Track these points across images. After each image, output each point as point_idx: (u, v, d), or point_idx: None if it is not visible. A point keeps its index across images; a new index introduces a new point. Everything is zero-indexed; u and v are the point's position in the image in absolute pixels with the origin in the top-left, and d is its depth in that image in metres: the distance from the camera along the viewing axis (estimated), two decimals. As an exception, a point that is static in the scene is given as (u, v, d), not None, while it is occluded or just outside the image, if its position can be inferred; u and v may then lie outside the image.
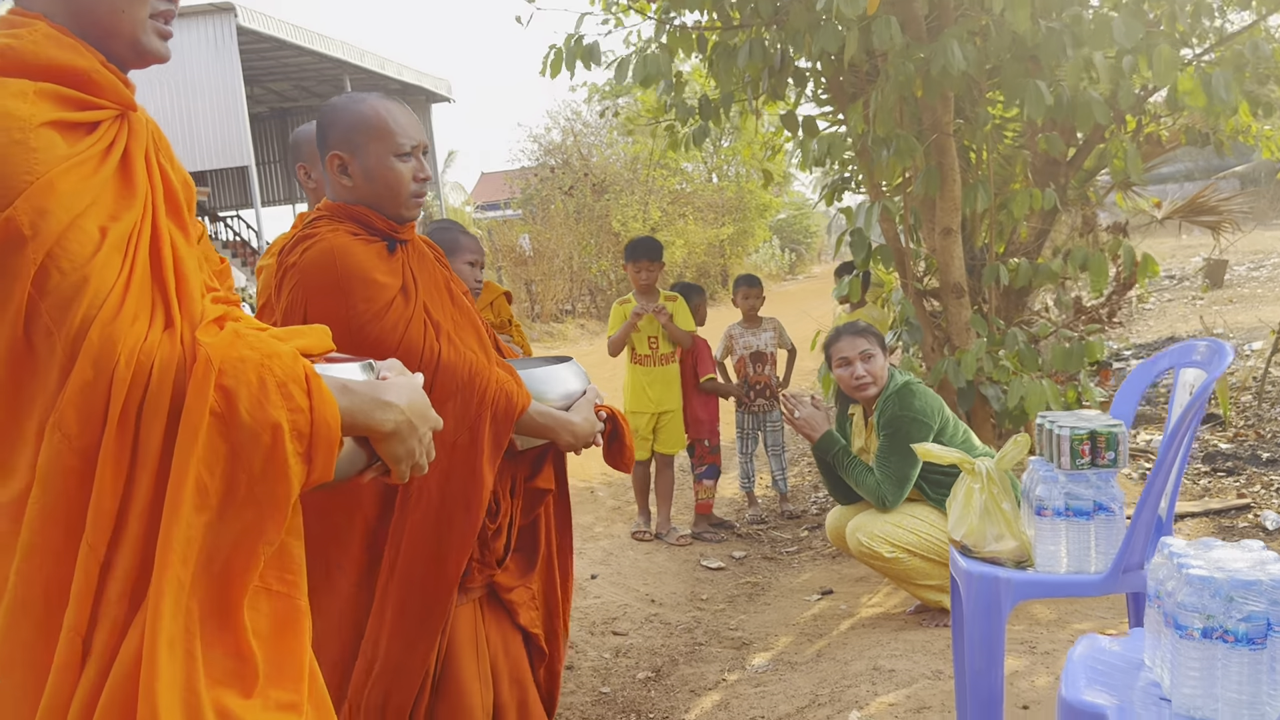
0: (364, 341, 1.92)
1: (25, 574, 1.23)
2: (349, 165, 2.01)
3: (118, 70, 1.34)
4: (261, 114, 26.32)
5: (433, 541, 1.97)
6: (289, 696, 1.37)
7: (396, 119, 2.01)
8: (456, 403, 1.96)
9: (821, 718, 2.86)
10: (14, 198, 1.16)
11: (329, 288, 1.96)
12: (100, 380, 1.19)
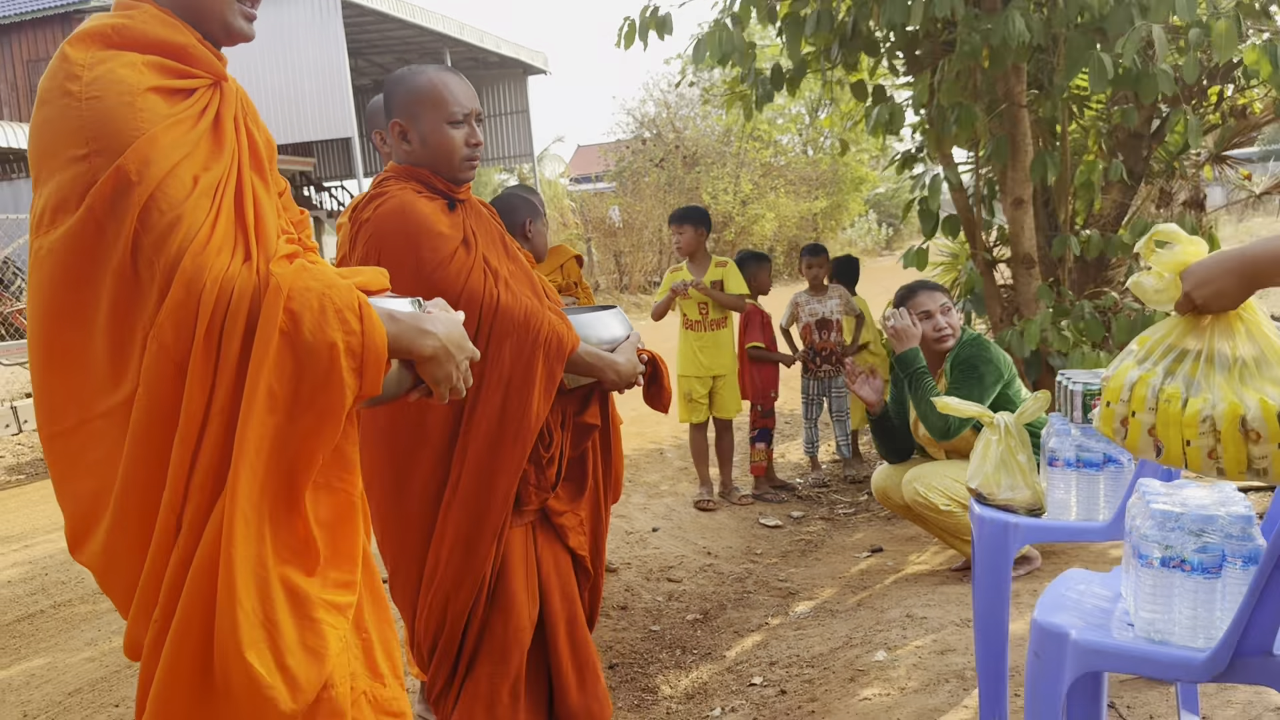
0: (431, 287, 2.15)
1: (132, 459, 1.47)
2: (409, 132, 2.24)
3: (211, 46, 1.58)
4: (365, 86, 26.98)
5: (488, 465, 2.21)
6: (345, 577, 1.61)
7: (451, 89, 2.23)
8: (513, 341, 2.19)
9: (851, 657, 3.04)
10: (124, 149, 1.40)
11: (399, 239, 2.20)
12: (190, 300, 1.43)
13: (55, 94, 1.43)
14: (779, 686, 3.01)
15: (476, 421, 2.20)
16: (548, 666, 2.40)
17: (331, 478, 1.61)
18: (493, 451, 2.20)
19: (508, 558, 2.29)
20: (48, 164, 1.45)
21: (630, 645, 3.51)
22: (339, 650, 1.58)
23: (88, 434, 1.51)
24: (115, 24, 1.50)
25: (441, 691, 2.33)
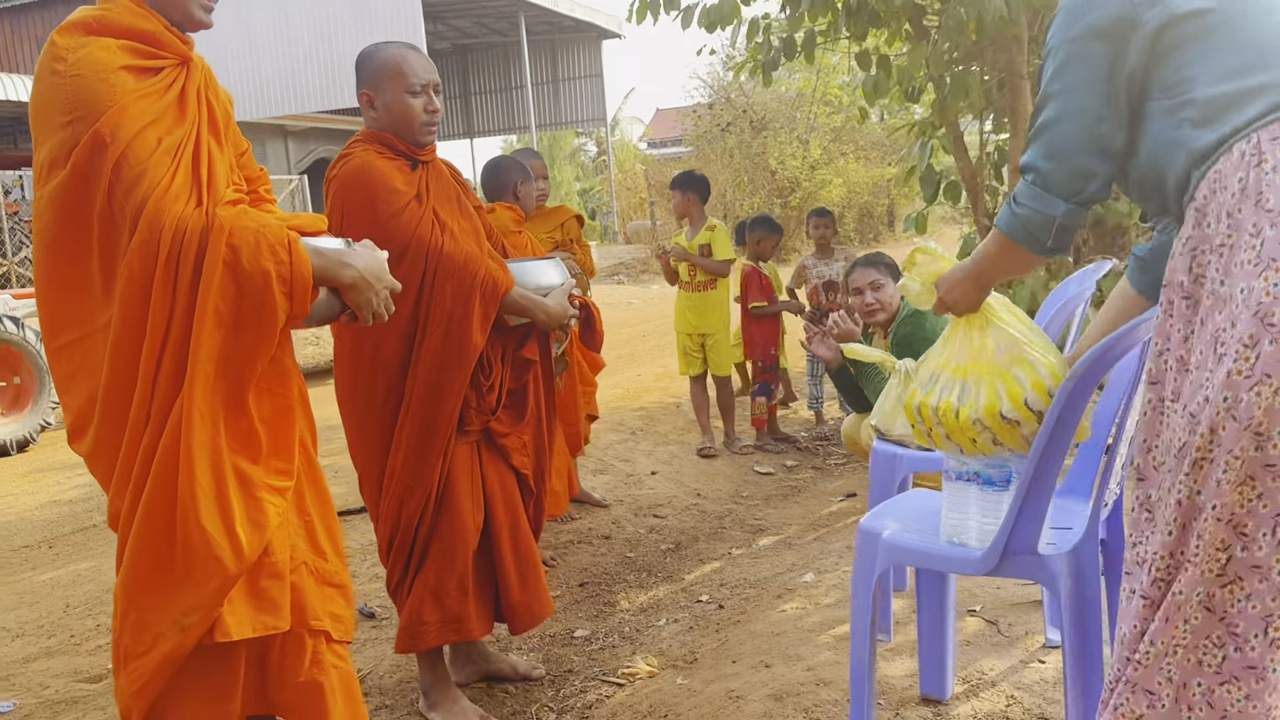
0: (385, 235, 2.50)
1: (112, 366, 1.86)
2: (375, 100, 2.60)
3: (177, 31, 1.95)
4: (443, 50, 27.55)
5: (434, 387, 2.57)
6: (283, 465, 1.98)
7: (410, 62, 2.58)
8: (453, 283, 2.55)
9: (787, 580, 3.36)
10: (99, 116, 1.78)
11: (359, 193, 2.56)
12: (153, 237, 1.81)
13: (45, 73, 1.82)
14: (719, 603, 3.36)
15: (424, 351, 2.57)
16: (494, 568, 2.78)
17: (272, 384, 1.98)
18: (438, 375, 2.56)
19: (454, 470, 2.66)
20: (42, 129, 1.84)
21: (604, 569, 3.88)
22: (278, 524, 1.95)
23: (86, 346, 1.91)
24: (95, 15, 1.88)
25: (398, 584, 2.72)
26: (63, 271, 1.91)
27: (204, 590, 1.84)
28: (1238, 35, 1.35)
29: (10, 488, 5.77)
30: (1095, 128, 1.48)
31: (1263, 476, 1.22)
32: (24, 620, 3.49)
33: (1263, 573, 1.23)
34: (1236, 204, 1.28)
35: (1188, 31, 1.37)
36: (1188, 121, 1.36)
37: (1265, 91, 1.31)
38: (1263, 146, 1.28)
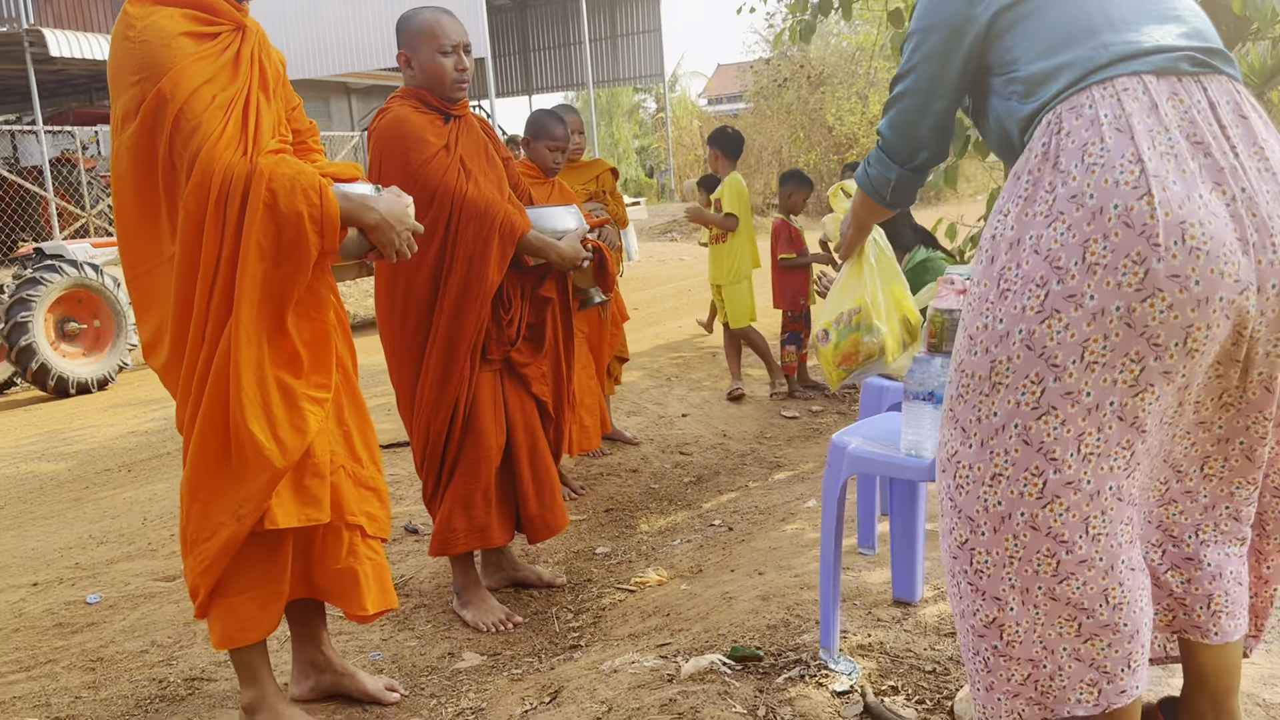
0: (416, 181, 2.80)
1: (177, 293, 2.18)
2: (411, 60, 2.88)
3: (234, 2, 2.23)
4: (503, 6, 27.76)
5: (457, 318, 2.86)
6: (322, 379, 2.29)
7: (443, 25, 2.85)
8: (474, 225, 2.83)
9: (793, 506, 3.63)
10: (162, 76, 2.08)
11: (394, 143, 2.85)
12: (205, 181, 2.10)
13: (119, 39, 2.12)
14: (729, 526, 3.64)
15: (449, 285, 2.86)
16: (514, 484, 3.09)
17: (310, 310, 2.28)
18: (459, 307, 2.86)
19: (478, 395, 2.96)
20: (116, 87, 2.14)
21: (630, 498, 4.18)
22: (318, 429, 2.26)
23: (157, 276, 2.22)
24: (160, -14, 2.17)
25: (431, 495, 3.04)
26: (135, 211, 2.22)
27: (255, 484, 2.16)
28: (1050, 19, 1.56)
29: (93, 420, 6.25)
30: (931, 105, 1.72)
31: (1062, 404, 1.44)
32: (107, 530, 3.90)
33: (1074, 486, 1.47)
34: (1039, 164, 1.50)
35: (1012, 18, 1.60)
36: (1015, 95, 1.60)
37: (1068, 68, 1.52)
38: (1062, 117, 1.49)
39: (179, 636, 2.90)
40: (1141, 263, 1.38)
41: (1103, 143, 1.43)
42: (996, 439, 1.51)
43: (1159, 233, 1.37)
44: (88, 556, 3.60)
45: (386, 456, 4.64)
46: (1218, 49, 1.52)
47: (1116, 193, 1.40)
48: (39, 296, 6.91)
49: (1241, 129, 1.47)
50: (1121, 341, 1.40)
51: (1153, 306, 1.38)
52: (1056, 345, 1.44)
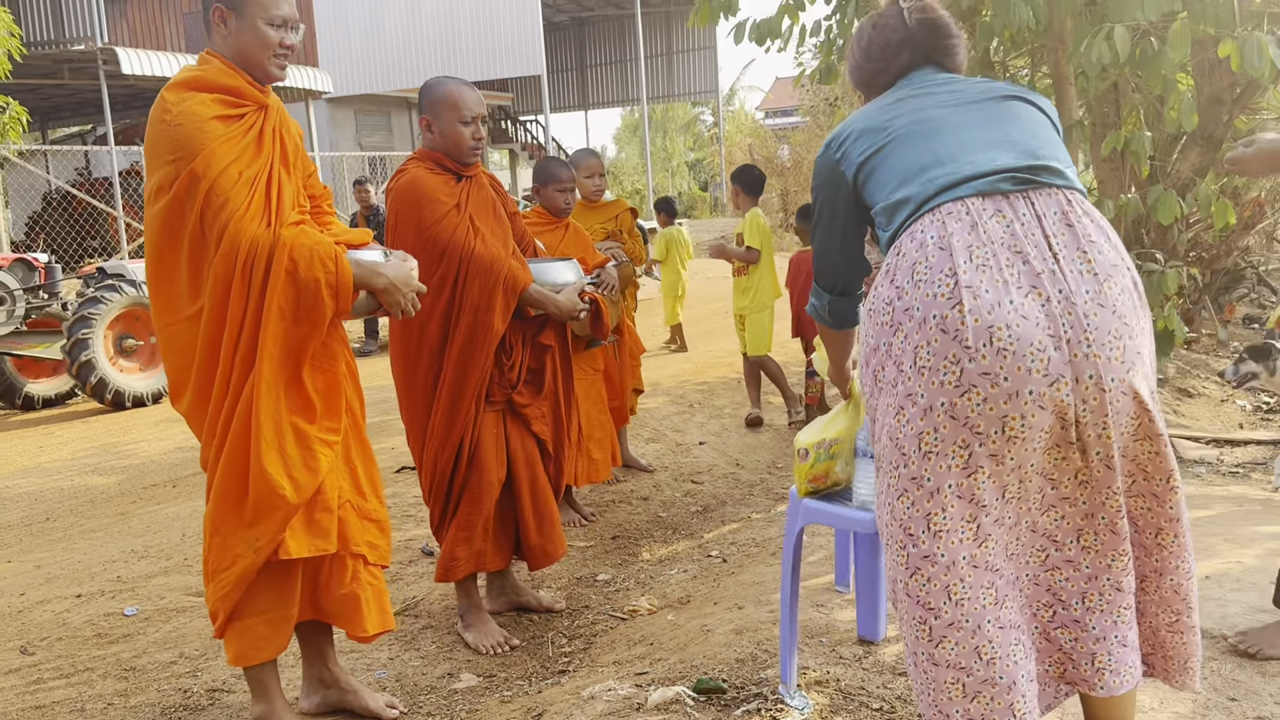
0: (428, 238, 3.05)
1: (203, 347, 2.44)
2: (432, 125, 3.13)
3: (256, 84, 2.50)
4: (562, 23, 28.23)
5: (463, 363, 3.11)
6: (333, 424, 2.53)
7: (464, 97, 3.11)
8: (480, 279, 3.07)
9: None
10: (195, 157, 2.34)
11: (409, 203, 3.11)
12: (233, 251, 2.36)
13: (156, 121, 2.39)
14: (724, 557, 3.84)
15: (457, 333, 3.10)
16: (516, 515, 3.32)
17: (323, 362, 2.53)
18: (466, 354, 3.10)
19: (481, 434, 3.20)
20: (152, 163, 2.41)
21: (636, 525, 4.40)
22: (329, 469, 2.51)
23: (175, 331, 2.48)
24: (195, 75, 2.44)
25: (438, 525, 3.28)
26: (162, 274, 2.48)
27: (271, 521, 2.41)
28: (892, 165, 1.84)
29: (144, 434, 6.63)
30: (837, 243, 2.03)
31: (910, 487, 1.67)
32: (149, 545, 4.21)
33: (931, 559, 1.67)
34: (884, 281, 1.77)
35: (869, 169, 1.89)
36: (880, 225, 1.87)
37: (908, 202, 1.79)
38: (901, 242, 1.76)
39: (205, 649, 3.17)
40: (957, 363, 1.61)
41: (927, 261, 1.68)
42: (881, 516, 1.74)
43: (968, 336, 1.61)
44: (129, 570, 3.90)
45: (410, 479, 4.91)
46: (1046, 165, 1.76)
47: (935, 304, 1.64)
48: (99, 314, 7.32)
49: (1067, 236, 1.69)
50: (949, 432, 1.63)
51: (969, 400, 1.62)
52: (903, 437, 1.67)
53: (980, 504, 1.67)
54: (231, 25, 2.42)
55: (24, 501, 5.14)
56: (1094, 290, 1.65)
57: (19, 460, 6.15)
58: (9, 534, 4.58)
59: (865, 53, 2.07)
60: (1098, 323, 1.63)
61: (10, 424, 7.53)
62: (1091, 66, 4.39)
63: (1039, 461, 1.69)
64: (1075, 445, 1.67)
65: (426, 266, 2.97)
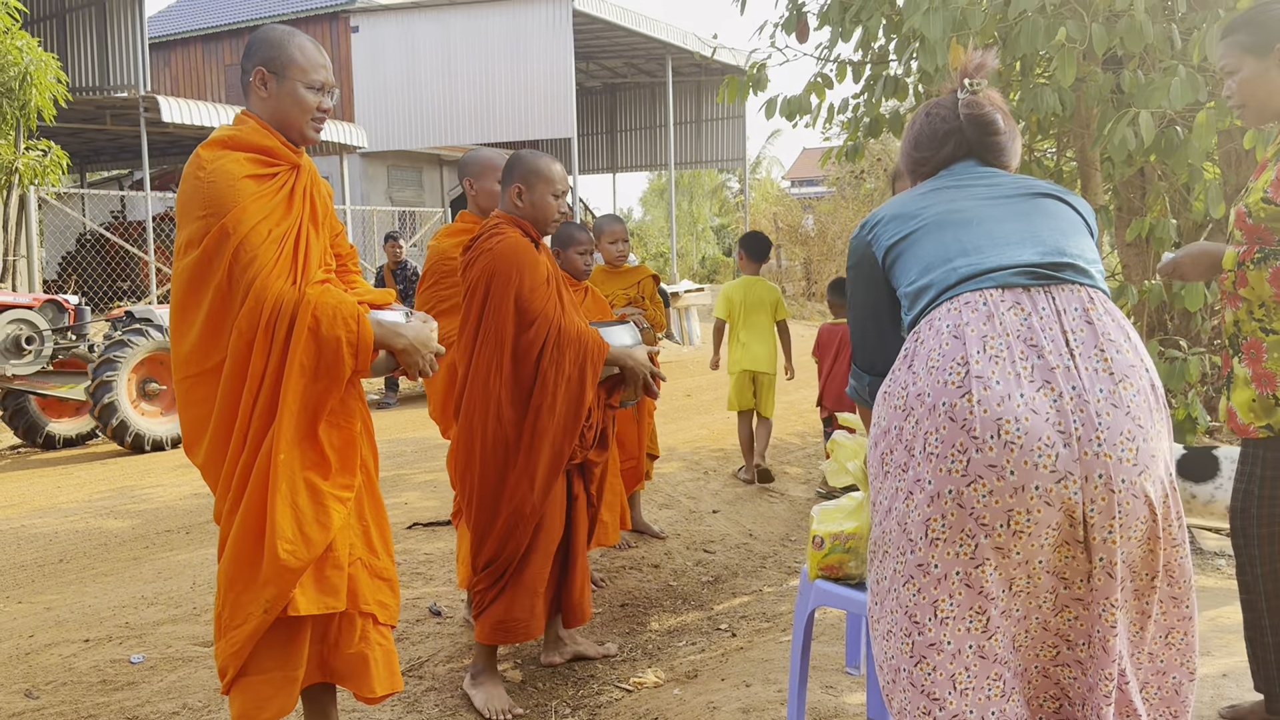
0: (523, 306, 3.07)
1: (221, 400, 2.46)
2: (523, 194, 3.19)
3: (291, 145, 2.55)
4: (594, 88, 28.69)
5: (559, 434, 3.09)
6: (347, 481, 2.54)
7: (556, 172, 3.21)
8: (572, 351, 3.08)
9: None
10: (226, 214, 2.38)
11: (511, 267, 3.09)
12: (258, 306, 2.40)
13: (190, 177, 2.44)
14: (734, 631, 3.80)
15: (544, 404, 3.08)
16: (558, 573, 3.29)
17: (340, 419, 2.55)
18: (564, 425, 3.10)
19: (553, 495, 3.18)
20: (184, 217, 2.46)
21: (647, 594, 4.36)
22: (341, 526, 2.51)
23: (193, 383, 2.50)
24: (231, 134, 2.49)
25: (491, 586, 3.16)
26: (185, 325, 2.51)
27: (283, 580, 2.41)
28: (919, 253, 1.87)
29: (161, 479, 6.66)
30: (871, 323, 2.03)
31: (918, 574, 1.66)
32: (159, 592, 4.21)
33: (937, 647, 1.65)
34: (901, 365, 1.78)
35: (896, 253, 1.92)
36: (904, 309, 1.89)
37: (930, 289, 1.81)
38: (920, 328, 1.78)
39: (209, 701, 3.15)
40: (964, 452, 1.61)
41: (941, 348, 1.69)
42: (884, 602, 1.72)
43: (976, 426, 1.61)
44: (138, 617, 3.90)
45: (422, 535, 4.90)
46: (1071, 263, 1.77)
47: (945, 391, 1.65)
48: (124, 358, 7.40)
49: (1086, 333, 1.69)
50: (956, 520, 1.63)
51: (975, 490, 1.61)
52: (911, 523, 1.66)
53: (988, 595, 1.65)
54: (271, 88, 2.48)
55: (39, 542, 5.16)
56: (1109, 389, 1.65)
57: (37, 499, 6.18)
58: (22, 574, 4.59)
59: (914, 141, 2.09)
60: (1110, 422, 1.63)
61: (30, 462, 7.59)
62: (1117, 152, 4.43)
63: (1049, 559, 1.68)
64: (1080, 545, 1.66)
65: (515, 332, 3.05)
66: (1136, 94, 4.46)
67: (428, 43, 21.21)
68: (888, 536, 1.74)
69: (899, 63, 5.44)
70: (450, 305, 3.62)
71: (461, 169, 3.85)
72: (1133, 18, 4.14)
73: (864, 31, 5.25)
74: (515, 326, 3.06)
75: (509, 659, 3.58)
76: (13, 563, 4.79)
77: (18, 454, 8.00)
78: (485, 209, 3.68)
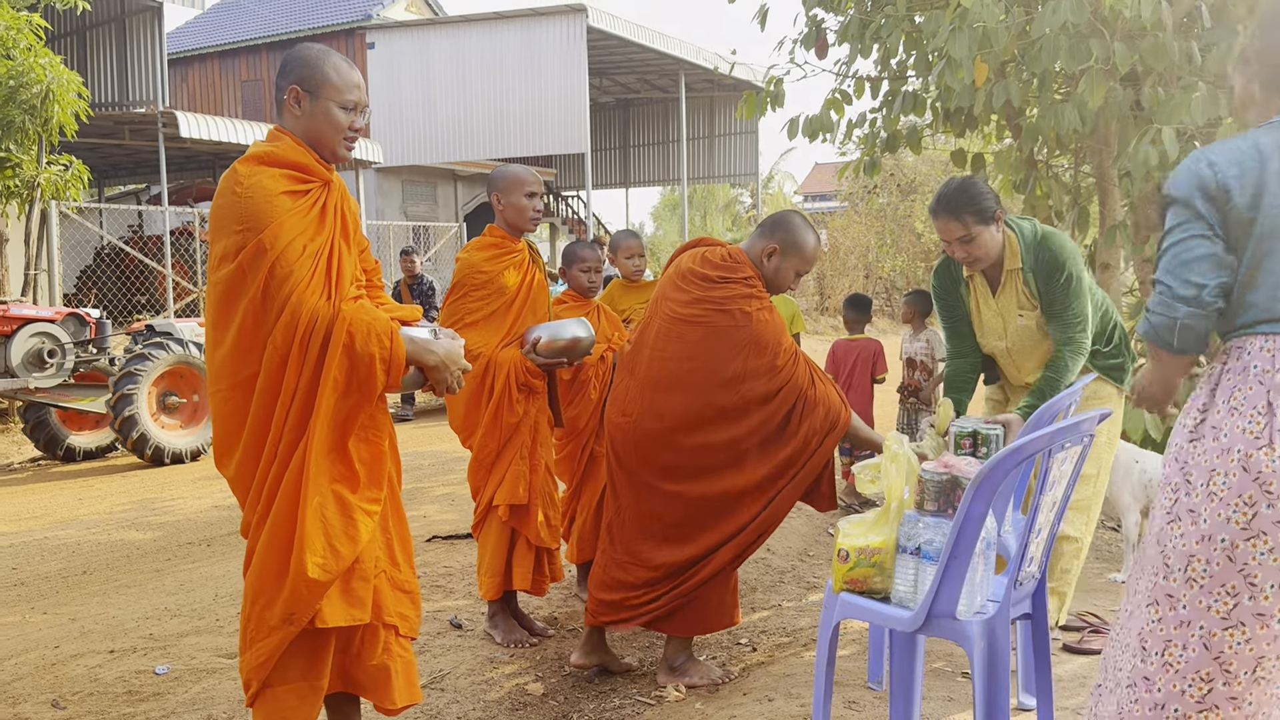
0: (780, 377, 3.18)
1: (255, 412, 2.49)
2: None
3: (324, 162, 2.59)
4: (607, 104, 28.83)
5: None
6: (375, 494, 2.56)
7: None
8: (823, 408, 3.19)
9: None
10: (263, 229, 2.41)
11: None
12: (294, 321, 2.42)
13: (227, 192, 2.47)
14: (754, 645, 3.80)
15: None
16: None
17: (369, 434, 2.57)
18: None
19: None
20: (219, 231, 2.49)
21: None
22: (368, 539, 2.53)
23: (226, 395, 2.52)
24: (267, 150, 2.53)
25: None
26: (219, 338, 2.54)
27: (310, 593, 2.43)
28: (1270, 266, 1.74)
29: (182, 491, 6.70)
30: (1207, 249, 1.80)
31: (1251, 623, 1.58)
32: (182, 603, 4.24)
33: (1237, 701, 1.59)
34: (1210, 386, 1.73)
35: (1248, 233, 1.77)
36: (1217, 292, 1.76)
37: (1251, 308, 1.75)
38: (1231, 352, 1.74)
39: (233, 712, 3.18)
40: (1252, 505, 1.57)
41: (1245, 389, 1.65)
42: (1126, 601, 1.69)
43: (1273, 483, 1.56)
44: (161, 628, 3.92)
45: (441, 548, 4.92)
46: None
47: (1242, 438, 1.61)
48: (145, 371, 7.46)
49: None
50: (1220, 571, 1.59)
51: (1254, 547, 1.57)
52: (1171, 550, 1.61)
53: (1224, 665, 1.59)
54: (305, 106, 2.52)
55: (62, 553, 5.20)
56: None
57: (59, 512, 6.23)
58: (46, 585, 4.63)
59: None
60: None
61: (52, 475, 7.65)
62: (1138, 168, 4.44)
63: None
64: None
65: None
66: (1157, 110, 4.48)
67: (443, 59, 21.34)
68: (1205, 566, 1.64)
69: (917, 78, 5.48)
70: (478, 318, 3.66)
71: (490, 184, 3.90)
72: (1156, 36, 4.16)
73: (883, 48, 5.28)
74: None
75: (530, 671, 3.60)
76: (37, 574, 4.83)
77: (39, 466, 8.06)
78: (512, 223, 3.72)
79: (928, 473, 2.41)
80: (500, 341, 3.66)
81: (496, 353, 3.64)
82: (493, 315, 3.67)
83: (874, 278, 21.35)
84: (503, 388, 3.62)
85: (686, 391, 3.16)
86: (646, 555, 3.26)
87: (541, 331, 3.64)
